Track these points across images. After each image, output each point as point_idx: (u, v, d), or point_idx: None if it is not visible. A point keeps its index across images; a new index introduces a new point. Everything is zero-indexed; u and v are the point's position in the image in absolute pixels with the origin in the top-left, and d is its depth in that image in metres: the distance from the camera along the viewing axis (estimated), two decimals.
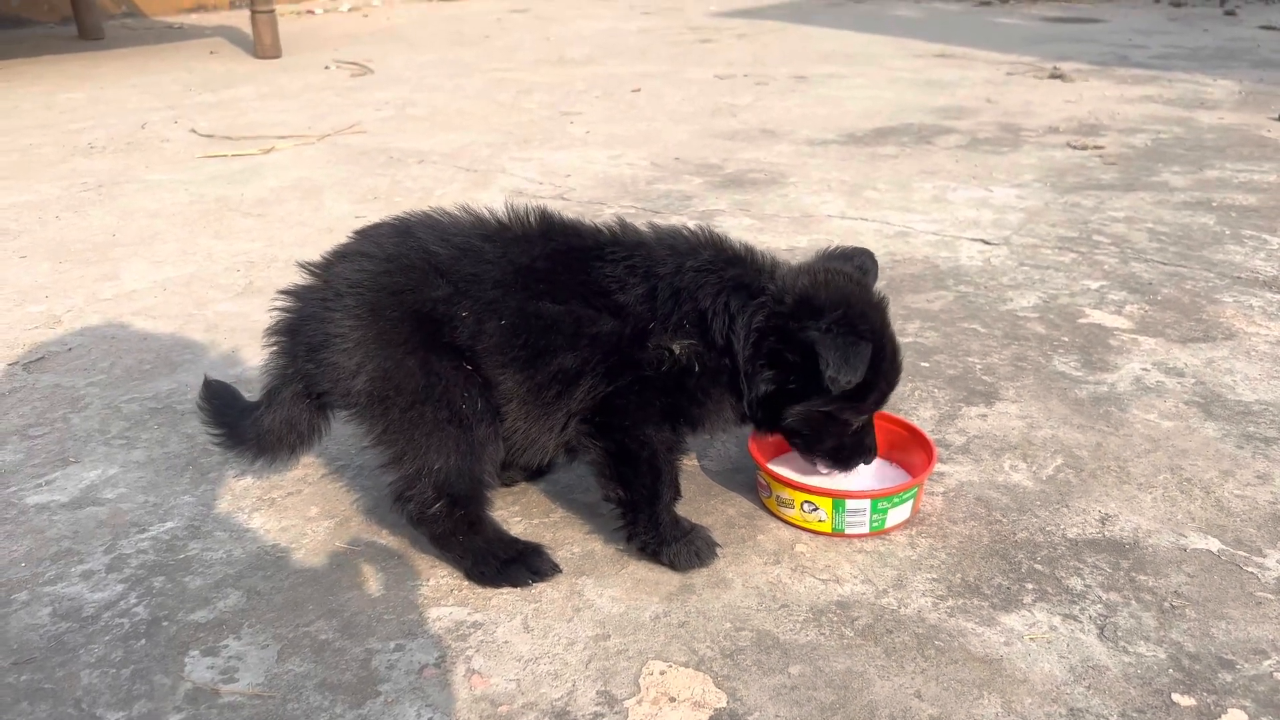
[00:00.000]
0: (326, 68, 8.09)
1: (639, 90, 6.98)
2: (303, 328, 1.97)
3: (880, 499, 2.09)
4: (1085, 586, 1.97)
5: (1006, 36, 9.16)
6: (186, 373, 2.88)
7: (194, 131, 5.91)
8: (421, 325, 1.92)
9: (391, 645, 1.85)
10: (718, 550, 2.07)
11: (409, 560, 2.10)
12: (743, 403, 2.05)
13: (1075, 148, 5.19)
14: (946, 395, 2.70)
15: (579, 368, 1.95)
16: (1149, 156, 4.98)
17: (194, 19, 11.21)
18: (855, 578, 2.02)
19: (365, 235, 2.03)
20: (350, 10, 12.24)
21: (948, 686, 1.73)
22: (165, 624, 1.91)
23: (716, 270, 1.99)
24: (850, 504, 2.08)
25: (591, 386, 1.96)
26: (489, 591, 2.00)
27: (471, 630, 1.89)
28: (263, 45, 8.56)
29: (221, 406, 2.16)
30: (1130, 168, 4.79)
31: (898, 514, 2.13)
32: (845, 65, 7.82)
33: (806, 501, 2.11)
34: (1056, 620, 1.88)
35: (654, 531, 2.03)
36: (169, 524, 2.22)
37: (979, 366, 2.86)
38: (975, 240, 3.88)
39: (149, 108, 6.55)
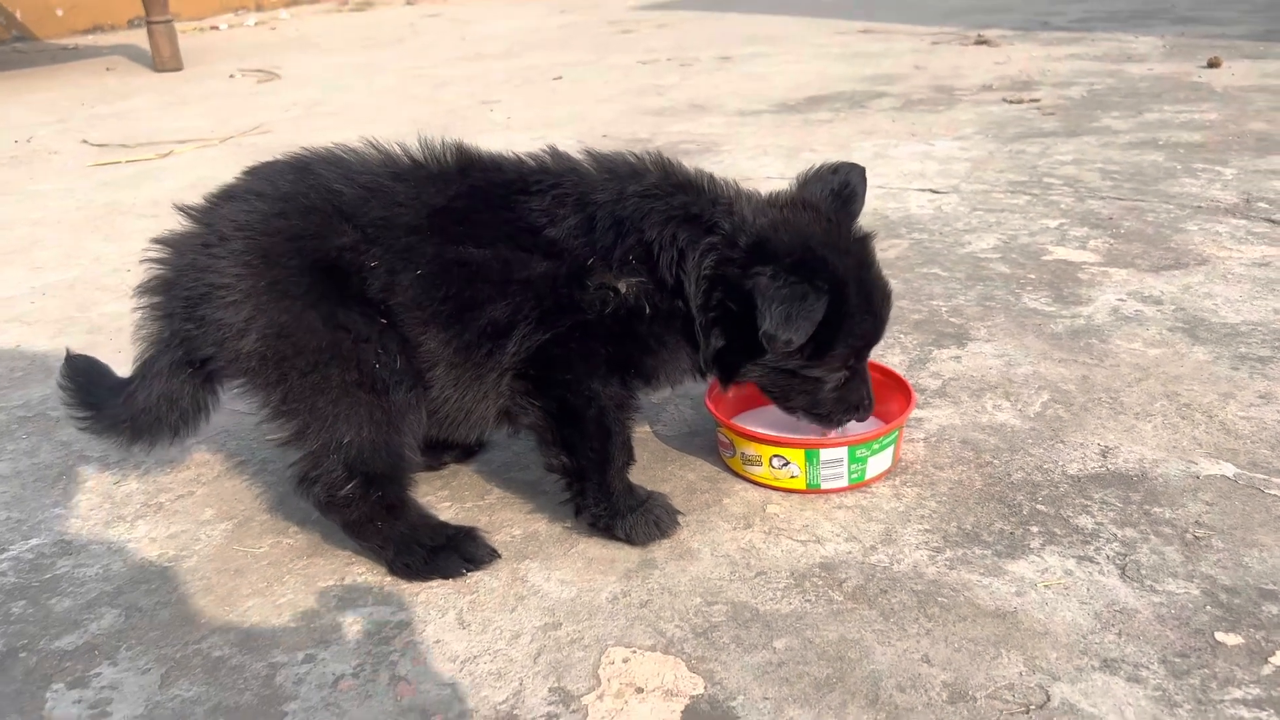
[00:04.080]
0: (231, 76, 7.68)
1: (560, 78, 6.72)
2: (180, 281, 1.66)
3: (858, 446, 1.84)
4: (1096, 525, 1.74)
5: (928, 11, 9.08)
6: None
7: (85, 142, 5.50)
8: (325, 277, 1.62)
9: (300, 656, 1.55)
10: (679, 519, 1.81)
11: (321, 557, 1.80)
12: (699, 353, 1.79)
13: (1011, 102, 5.04)
14: (915, 340, 2.47)
15: (511, 318, 1.67)
16: (1087, 105, 4.85)
17: (90, 40, 10.67)
18: (838, 536, 1.76)
19: (256, 173, 1.73)
20: (256, 25, 11.79)
21: (959, 647, 1.48)
22: (23, 655, 1.58)
23: (664, 196, 1.72)
24: (825, 454, 1.83)
25: (525, 335, 1.68)
26: (416, 586, 1.70)
27: (396, 631, 1.60)
28: (161, 58, 8.11)
29: (87, 385, 1.83)
30: (1070, 116, 4.65)
31: (878, 463, 1.88)
32: (769, 45, 7.64)
33: (776, 456, 1.86)
34: (1070, 564, 1.64)
35: (606, 502, 1.75)
36: (34, 541, 1.89)
37: (944, 309, 2.63)
38: (923, 190, 3.67)
39: (37, 122, 6.11)
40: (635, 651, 1.52)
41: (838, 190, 1.82)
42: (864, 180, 1.86)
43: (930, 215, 3.38)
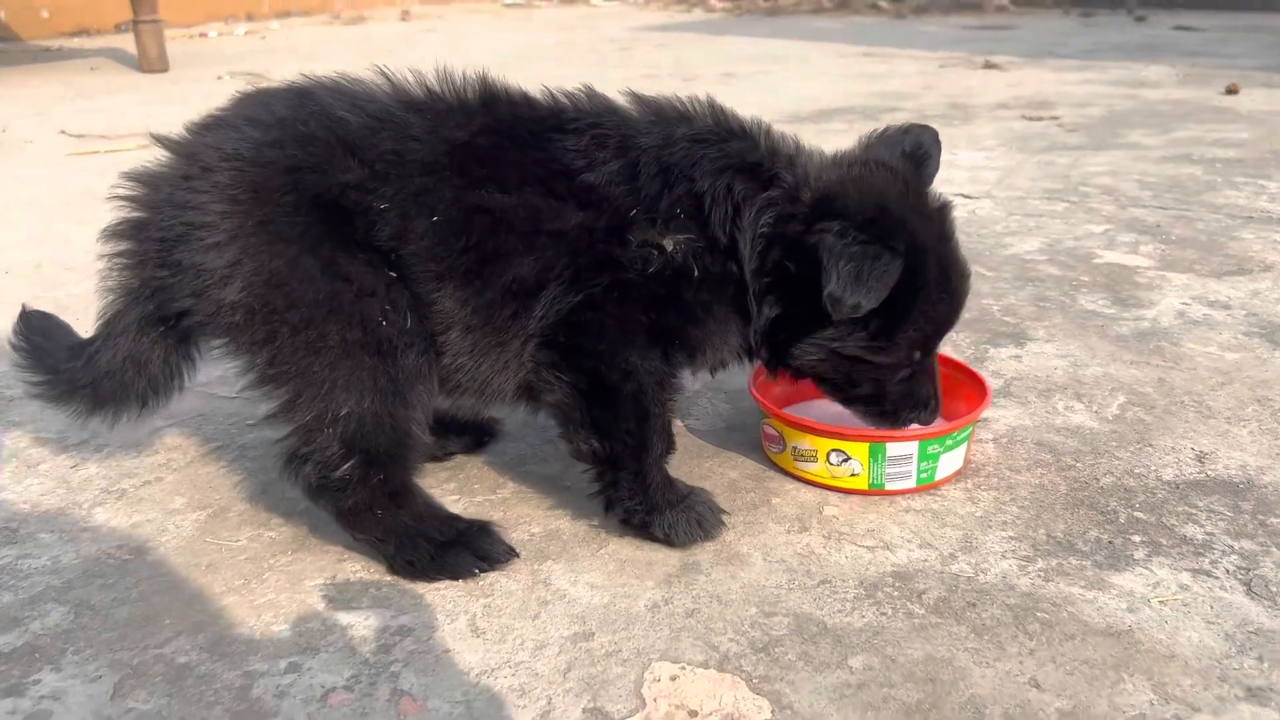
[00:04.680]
0: (219, 78, 7.45)
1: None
2: (154, 220, 1.42)
3: (930, 441, 1.61)
4: (1207, 535, 1.51)
5: (929, 39, 9.00)
6: None
7: (63, 133, 5.25)
8: (325, 217, 1.39)
9: (283, 665, 1.29)
10: (725, 519, 1.56)
11: (309, 552, 1.54)
12: (751, 329, 1.56)
13: (1030, 119, 4.89)
14: (968, 338, 2.25)
15: (540, 276, 1.44)
16: (1109, 123, 4.70)
17: (75, 43, 10.43)
18: (909, 542, 1.53)
19: (247, 98, 1.49)
20: (246, 34, 11.60)
21: (1072, 670, 1.25)
22: None
23: (718, 142, 1.50)
24: (892, 449, 1.60)
25: (555, 297, 1.44)
26: (421, 587, 1.45)
27: (398, 638, 1.34)
28: (148, 59, 7.86)
29: (44, 345, 1.58)
30: (1094, 132, 4.49)
31: (950, 462, 1.65)
32: (772, 64, 7.50)
33: (835, 451, 1.62)
34: (1185, 577, 1.42)
35: (642, 495, 1.51)
36: None
37: (995, 308, 2.42)
38: (955, 195, 3.48)
39: (13, 114, 5.85)
40: (684, 668, 1.27)
41: (910, 152, 1.61)
42: (938, 143, 1.65)
43: (965, 218, 3.18)
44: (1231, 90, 5.50)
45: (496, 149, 1.45)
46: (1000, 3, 12.12)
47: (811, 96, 5.82)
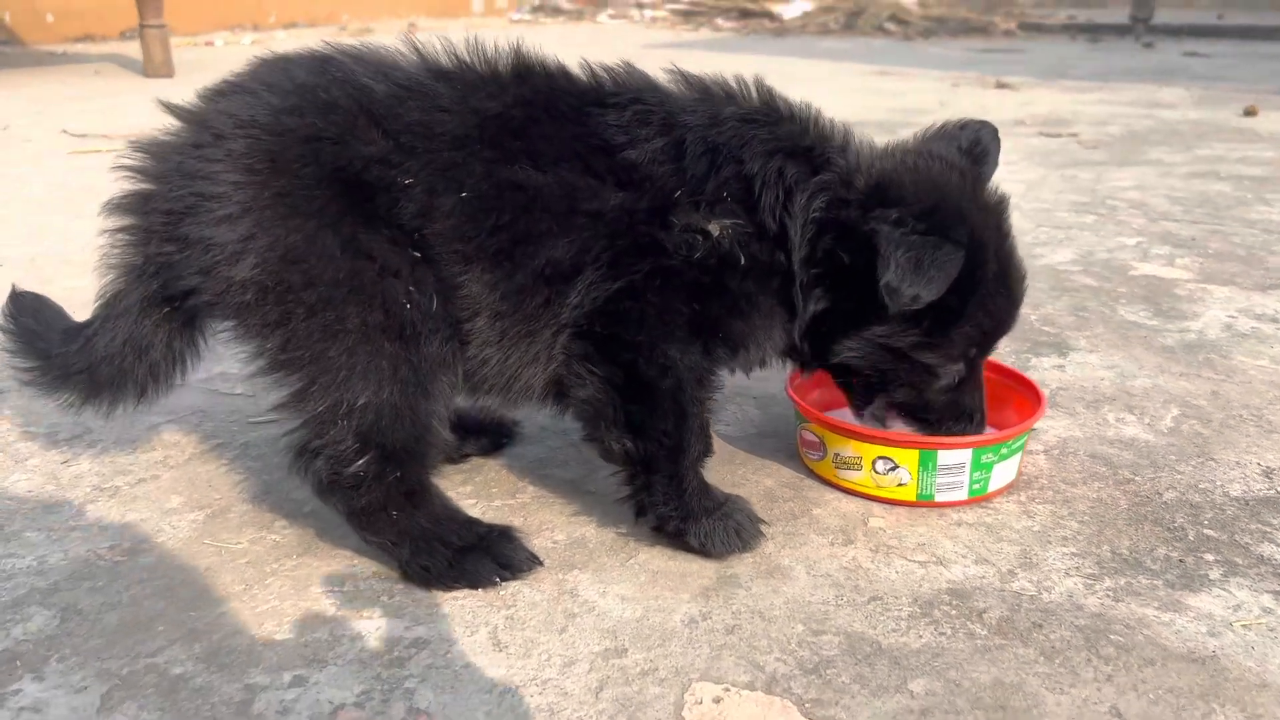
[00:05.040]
0: None
1: None
2: (161, 192, 1.31)
3: (984, 449, 1.50)
4: None
5: (939, 60, 8.96)
6: None
7: (65, 132, 5.15)
8: (345, 192, 1.28)
9: (287, 678, 1.18)
10: (763, 528, 1.45)
11: (315, 557, 1.43)
12: (795, 323, 1.45)
13: (1049, 135, 4.81)
14: (1008, 346, 2.14)
15: (575, 260, 1.33)
16: (1130, 141, 4.62)
17: (80, 48, 10.36)
18: (964, 557, 1.42)
19: (265, 63, 1.39)
20: (252, 43, 11.55)
21: (1155, 699, 1.13)
22: None
23: (768, 124, 1.40)
24: (944, 457, 1.49)
25: (593, 283, 1.34)
26: (437, 595, 1.34)
27: (413, 650, 1.23)
28: (153, 63, 7.79)
29: (36, 328, 1.47)
30: (1115, 149, 4.41)
31: (1003, 472, 1.54)
32: (786, 80, 7.41)
33: (881, 458, 1.51)
34: (1267, 600, 1.31)
35: (677, 501, 1.40)
36: None
37: (1034, 317, 2.32)
38: None
39: (16, 113, 5.77)
40: (728, 689, 1.16)
41: (968, 148, 1.52)
42: (997, 140, 1.56)
43: None
44: (1250, 112, 5.44)
45: (531, 122, 1.35)
46: (1007, 27, 12.12)
47: (827, 110, 5.74)
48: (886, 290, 1.29)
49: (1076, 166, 4.02)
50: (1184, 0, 13.93)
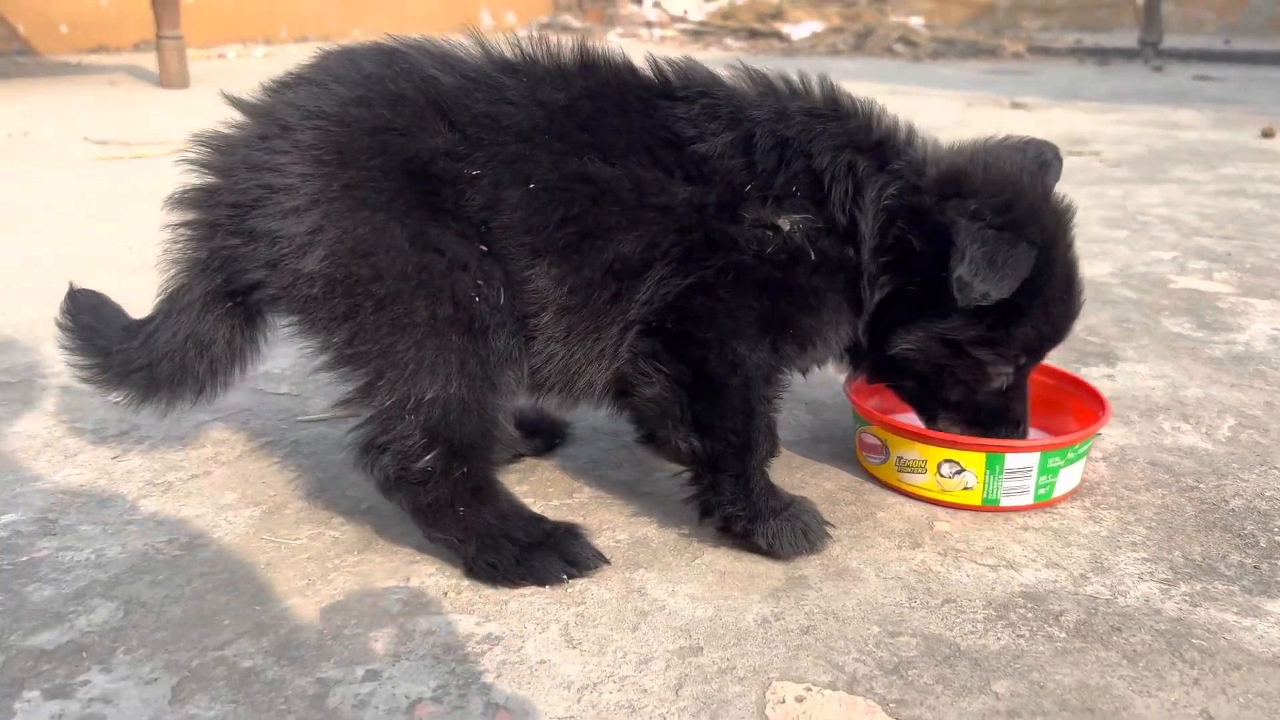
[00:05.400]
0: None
1: None
2: (227, 185, 1.30)
3: (1051, 453, 1.48)
4: None
5: (951, 80, 8.99)
6: (54, 346, 2.13)
7: (86, 139, 5.15)
8: (413, 184, 1.27)
9: (360, 673, 1.16)
10: (829, 530, 1.44)
11: (377, 553, 1.41)
12: (860, 318, 1.44)
13: (1071, 154, 4.81)
14: (1054, 356, 2.12)
15: (645, 255, 1.32)
16: (1152, 160, 4.62)
17: (93, 59, 10.40)
18: (1034, 561, 1.40)
19: (329, 55, 1.38)
20: (265, 56, 11.60)
21: (1247, 703, 1.11)
22: None
23: (836, 118, 1.40)
24: (1012, 461, 1.47)
25: (663, 279, 1.32)
26: (504, 592, 1.32)
27: (486, 646, 1.21)
28: (168, 73, 7.80)
29: (95, 325, 1.45)
30: (1139, 168, 4.41)
31: (1068, 477, 1.53)
32: None
33: (947, 461, 1.50)
34: None
35: (744, 501, 1.38)
36: (8, 517, 1.49)
37: (1078, 327, 2.28)
38: None
39: (36, 122, 5.76)
40: (810, 689, 1.14)
41: (1032, 160, 1.52)
42: (1059, 159, 1.57)
43: None
44: (1268, 134, 5.44)
45: (599, 114, 1.34)
46: (1015, 49, 12.17)
47: None
48: (957, 284, 1.28)
49: (1102, 184, 4.02)
50: (1189, 25, 14.00)
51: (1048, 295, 1.41)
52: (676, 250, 1.33)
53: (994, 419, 1.50)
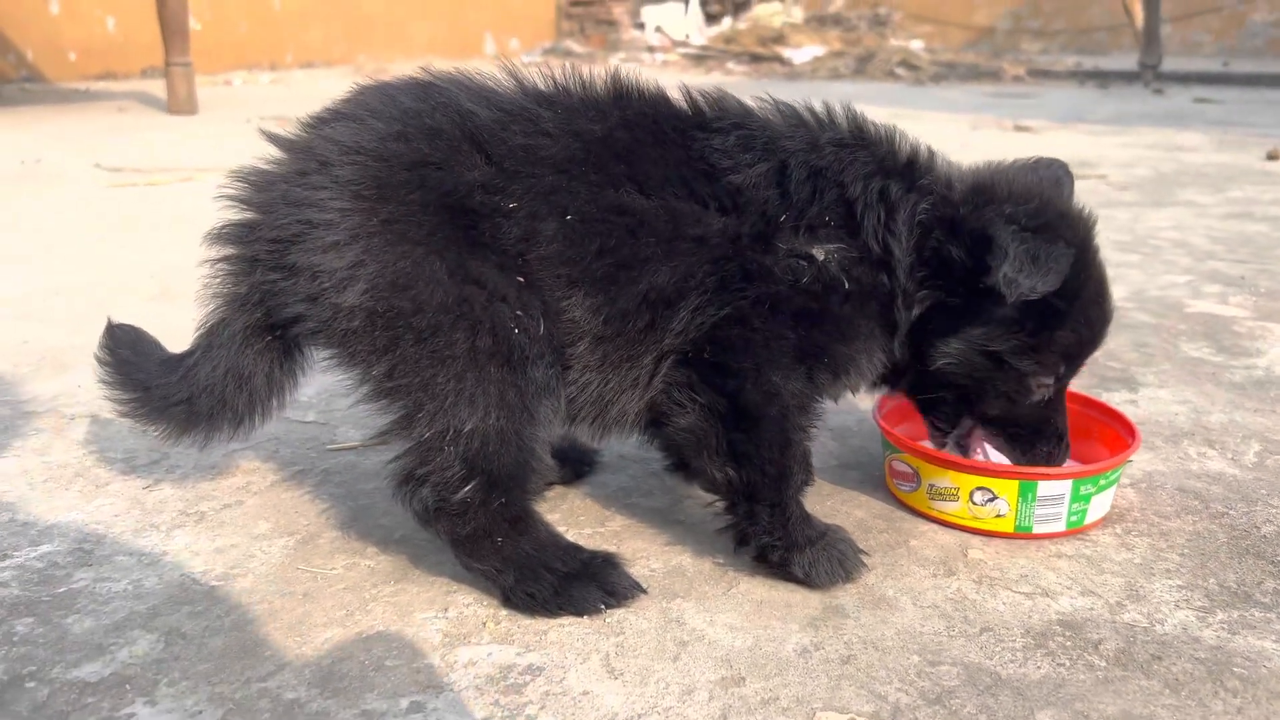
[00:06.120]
0: (248, 120, 7.43)
1: None
2: (267, 220, 1.31)
3: (1084, 480, 1.49)
4: None
5: (954, 104, 9.05)
6: (81, 374, 2.15)
7: (98, 166, 5.18)
8: (451, 218, 1.28)
9: (404, 704, 1.16)
10: (864, 559, 1.44)
11: (414, 583, 1.41)
12: (894, 342, 1.45)
13: (1078, 176, 4.82)
14: (1077, 382, 2.13)
15: (680, 285, 1.34)
16: (1159, 183, 4.65)
17: (101, 85, 10.47)
18: (1069, 589, 1.40)
19: (368, 90, 1.40)
20: (271, 82, 11.68)
21: None
22: (30, 685, 1.19)
23: (865, 147, 1.42)
24: (1044, 488, 1.48)
25: (698, 309, 1.34)
26: (542, 623, 1.32)
27: (528, 677, 1.21)
28: (177, 99, 7.85)
29: (134, 359, 1.46)
30: (1146, 190, 4.43)
31: (1100, 504, 1.54)
32: None
33: (980, 489, 1.50)
34: None
35: (781, 530, 1.39)
36: (45, 547, 1.49)
37: (1098, 353, 2.31)
38: None
39: (48, 149, 5.80)
40: (854, 718, 1.14)
41: (1048, 177, 1.54)
42: (1070, 176, 1.59)
43: None
44: (1273, 156, 5.47)
45: (636, 145, 1.36)
46: (1016, 73, 12.25)
47: None
48: (1004, 281, 1.30)
49: (1111, 207, 4.04)
50: (1187, 47, 14.10)
51: (1084, 297, 1.43)
52: (712, 280, 1.34)
53: (1039, 433, 1.51)
